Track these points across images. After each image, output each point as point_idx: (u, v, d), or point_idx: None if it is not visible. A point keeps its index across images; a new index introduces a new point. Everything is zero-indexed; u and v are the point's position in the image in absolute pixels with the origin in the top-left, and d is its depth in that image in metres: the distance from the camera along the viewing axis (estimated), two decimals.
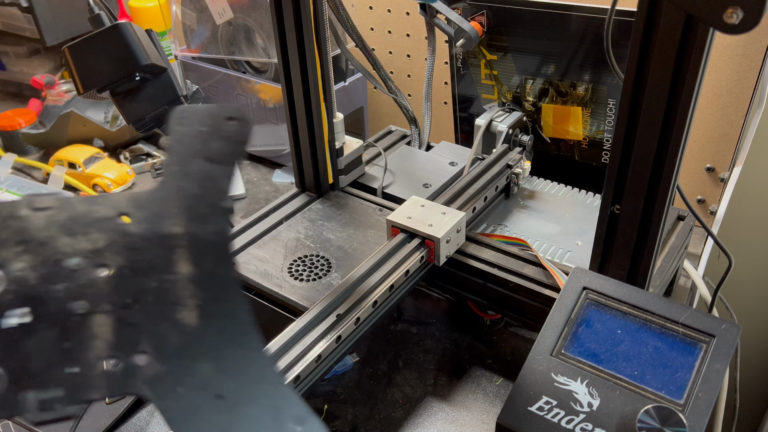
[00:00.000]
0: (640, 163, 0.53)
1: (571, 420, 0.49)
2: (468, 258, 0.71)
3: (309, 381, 0.58)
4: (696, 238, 0.88)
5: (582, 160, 0.91)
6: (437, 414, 0.67)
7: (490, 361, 0.73)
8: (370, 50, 0.88)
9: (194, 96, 0.64)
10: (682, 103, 0.49)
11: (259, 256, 0.74)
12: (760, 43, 0.83)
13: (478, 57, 0.91)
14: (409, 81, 1.21)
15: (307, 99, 0.77)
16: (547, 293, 0.66)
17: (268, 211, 0.81)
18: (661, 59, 0.48)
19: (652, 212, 0.56)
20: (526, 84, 0.89)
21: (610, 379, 0.50)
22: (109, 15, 0.60)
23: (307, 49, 0.73)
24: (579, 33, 0.81)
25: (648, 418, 0.45)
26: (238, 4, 1.05)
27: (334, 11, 0.81)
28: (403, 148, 0.95)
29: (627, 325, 0.53)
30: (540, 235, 0.77)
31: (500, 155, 0.83)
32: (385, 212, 0.80)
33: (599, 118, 0.86)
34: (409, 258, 0.67)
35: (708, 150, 0.94)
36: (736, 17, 0.38)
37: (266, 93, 1.07)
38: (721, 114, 0.91)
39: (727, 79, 0.88)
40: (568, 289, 0.56)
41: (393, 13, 1.15)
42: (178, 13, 1.12)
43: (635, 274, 0.60)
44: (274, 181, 1.12)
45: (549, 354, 0.53)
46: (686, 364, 0.50)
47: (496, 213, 0.82)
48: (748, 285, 1.13)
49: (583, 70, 0.83)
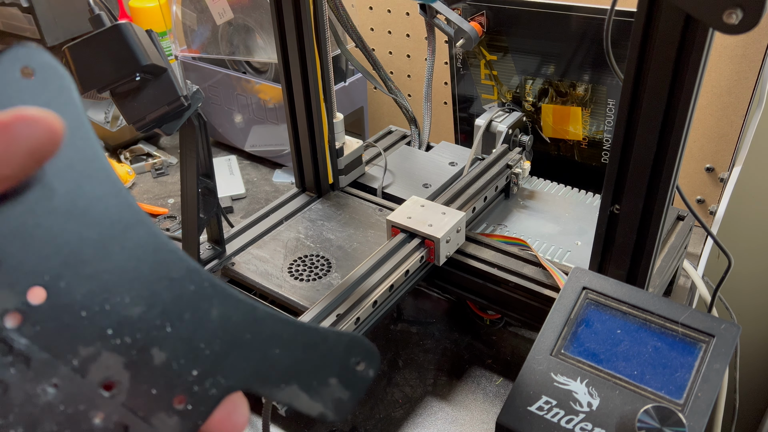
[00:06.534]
0: (640, 163, 0.54)
1: (570, 420, 0.49)
2: (468, 258, 0.71)
3: None
4: (695, 238, 0.88)
5: (582, 160, 0.91)
6: (437, 414, 0.67)
7: (489, 361, 0.73)
8: (370, 50, 0.88)
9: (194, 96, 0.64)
10: (681, 103, 0.49)
11: (260, 256, 0.74)
12: (760, 43, 0.83)
13: (477, 57, 0.91)
14: (409, 81, 1.21)
15: (307, 99, 0.77)
16: (547, 293, 0.66)
17: (268, 211, 0.81)
18: (661, 59, 0.48)
19: (651, 212, 0.56)
20: (525, 84, 0.89)
21: (610, 378, 0.51)
22: (109, 15, 0.60)
23: (307, 49, 0.73)
24: (579, 33, 0.81)
25: (647, 418, 0.45)
26: (238, 4, 1.05)
27: (334, 11, 0.81)
28: (403, 148, 0.95)
29: (627, 324, 0.53)
30: (540, 235, 0.77)
31: (500, 155, 0.84)
32: (385, 212, 0.80)
33: (599, 119, 0.86)
34: (409, 258, 0.67)
35: (707, 150, 0.94)
36: (735, 17, 0.38)
37: (266, 93, 1.07)
38: (720, 114, 0.91)
39: (727, 79, 0.88)
40: (567, 289, 0.56)
41: (393, 14, 1.15)
42: (178, 14, 1.12)
43: (635, 273, 0.60)
44: (274, 181, 1.12)
45: (549, 354, 0.53)
46: (686, 363, 0.50)
47: (495, 213, 0.82)
48: (748, 285, 1.13)
49: (582, 71, 0.83)
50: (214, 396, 0.24)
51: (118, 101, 0.61)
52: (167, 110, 0.61)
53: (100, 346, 0.22)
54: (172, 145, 1.23)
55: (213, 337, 0.24)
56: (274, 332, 0.25)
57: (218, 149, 1.21)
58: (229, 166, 1.15)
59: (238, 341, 0.24)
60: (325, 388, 0.26)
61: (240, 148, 1.18)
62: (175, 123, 0.64)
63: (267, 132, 1.12)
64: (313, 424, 0.67)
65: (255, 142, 1.15)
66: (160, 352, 0.23)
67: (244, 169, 1.15)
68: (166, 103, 0.61)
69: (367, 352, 0.26)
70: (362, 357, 0.26)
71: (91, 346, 0.22)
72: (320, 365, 0.26)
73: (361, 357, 0.26)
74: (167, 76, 0.61)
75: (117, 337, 0.23)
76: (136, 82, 0.60)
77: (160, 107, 0.61)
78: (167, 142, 1.24)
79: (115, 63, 0.58)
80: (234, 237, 0.76)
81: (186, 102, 0.62)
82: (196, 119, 0.66)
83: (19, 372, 0.21)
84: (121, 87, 0.60)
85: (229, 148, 1.21)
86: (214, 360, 0.24)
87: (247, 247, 0.76)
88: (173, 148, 1.22)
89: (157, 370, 0.23)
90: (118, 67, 0.58)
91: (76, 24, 1.11)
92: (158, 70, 0.60)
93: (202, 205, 0.70)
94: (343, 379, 0.26)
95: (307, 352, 0.26)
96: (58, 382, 0.22)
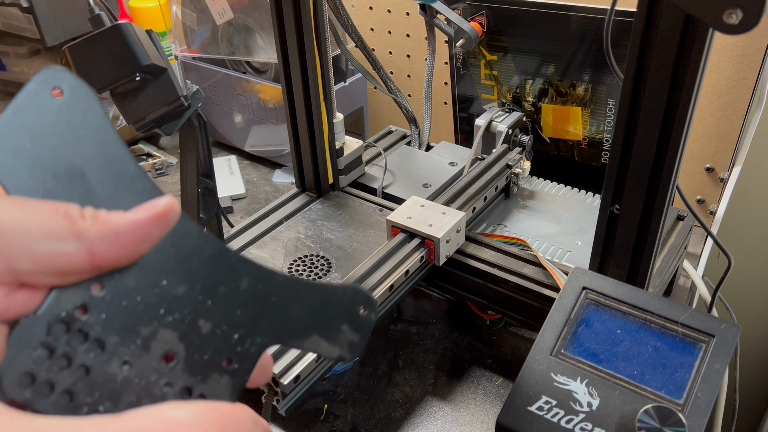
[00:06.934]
0: (640, 163, 0.54)
1: (570, 420, 0.49)
2: (468, 258, 0.71)
3: (309, 380, 0.58)
4: (695, 238, 0.88)
5: (582, 160, 0.91)
6: (437, 414, 0.67)
7: (489, 361, 0.73)
8: (370, 50, 0.88)
9: (194, 96, 0.64)
10: (681, 103, 0.49)
11: (260, 256, 0.74)
12: (760, 43, 0.83)
13: (477, 57, 0.91)
14: (409, 81, 1.21)
15: (307, 99, 0.77)
16: (547, 293, 0.66)
17: (268, 211, 0.81)
18: (661, 59, 0.48)
19: (651, 212, 0.56)
20: (525, 84, 0.89)
21: (610, 378, 0.51)
22: (109, 15, 0.60)
23: (307, 49, 0.73)
24: (579, 33, 0.81)
25: (647, 418, 0.45)
26: (238, 4, 1.05)
27: (334, 11, 0.81)
28: (403, 149, 0.95)
29: (627, 324, 0.53)
30: (540, 235, 0.77)
31: (500, 155, 0.84)
32: (385, 212, 0.80)
33: (599, 119, 0.86)
34: (409, 258, 0.67)
35: (707, 150, 0.94)
36: (735, 17, 0.38)
37: (266, 93, 1.07)
38: (720, 114, 0.91)
39: (727, 79, 0.88)
40: (567, 289, 0.56)
41: (393, 14, 1.15)
42: (178, 14, 1.12)
43: (635, 274, 0.60)
44: (274, 181, 1.12)
45: (549, 354, 0.53)
46: (686, 363, 0.50)
47: (495, 213, 0.82)
48: (748, 285, 1.13)
49: (582, 71, 0.83)
50: (254, 354, 0.28)
51: (118, 101, 0.61)
52: (167, 110, 0.61)
53: (157, 324, 0.26)
54: (172, 145, 1.23)
55: (246, 304, 0.28)
56: (294, 293, 0.29)
57: (218, 149, 1.21)
58: (229, 166, 1.15)
59: (267, 305, 0.28)
60: (340, 334, 0.31)
61: (240, 148, 1.18)
62: (175, 123, 0.64)
63: (267, 132, 1.12)
64: (314, 424, 0.67)
65: (255, 142, 1.15)
66: (206, 322, 0.27)
67: (244, 169, 1.15)
68: (166, 103, 0.61)
69: (368, 300, 0.32)
70: (364, 304, 0.32)
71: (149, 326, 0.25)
72: (334, 315, 0.31)
73: (364, 304, 0.31)
74: (167, 76, 0.61)
75: (168, 315, 0.26)
76: (136, 82, 0.60)
77: (160, 107, 0.61)
78: (167, 142, 1.24)
79: (115, 63, 0.58)
80: (234, 237, 0.76)
81: (186, 102, 0.62)
82: (196, 119, 0.66)
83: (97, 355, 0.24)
84: (121, 87, 0.60)
85: (229, 148, 1.21)
86: (250, 323, 0.28)
87: (247, 247, 0.76)
88: (173, 148, 1.22)
89: (206, 338, 0.27)
90: (118, 67, 0.58)
91: (76, 24, 1.11)
92: (158, 70, 0.60)
93: (202, 205, 0.70)
94: (352, 325, 0.31)
95: (322, 306, 0.30)
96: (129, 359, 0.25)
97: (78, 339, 0.24)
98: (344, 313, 0.31)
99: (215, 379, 0.27)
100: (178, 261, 0.26)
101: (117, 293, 0.25)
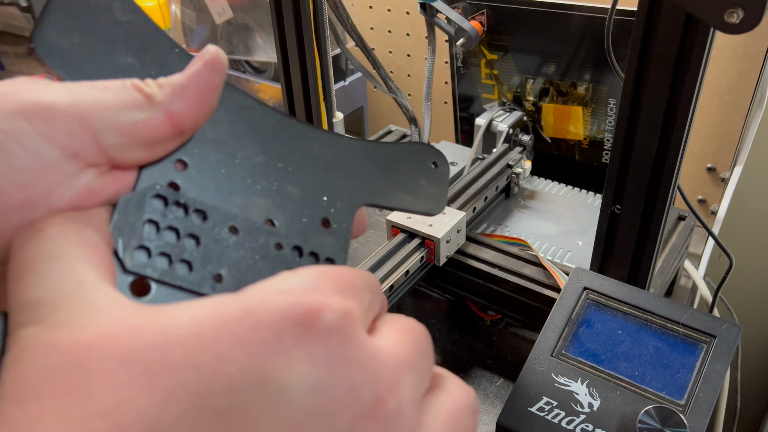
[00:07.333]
0: (641, 163, 0.53)
1: (571, 420, 0.48)
2: (468, 258, 0.71)
3: None
4: (697, 238, 0.88)
5: (582, 160, 0.91)
6: None
7: (490, 362, 0.73)
8: (370, 50, 0.88)
9: None
10: (682, 102, 0.49)
11: None
12: (761, 42, 0.83)
13: (478, 56, 0.91)
14: (409, 80, 1.20)
15: (307, 99, 0.77)
16: (548, 293, 0.66)
17: None
18: (662, 59, 0.48)
19: (652, 212, 0.55)
20: (526, 83, 0.89)
21: (611, 379, 0.50)
22: None
23: (307, 49, 0.73)
24: (579, 32, 0.81)
25: (648, 419, 0.45)
26: (237, 4, 1.05)
27: (334, 11, 0.81)
28: None
29: (627, 325, 0.53)
30: (540, 235, 0.77)
31: (500, 155, 0.83)
32: (385, 212, 0.80)
33: (600, 118, 0.86)
34: (409, 258, 0.67)
35: (709, 150, 0.94)
36: (736, 17, 0.38)
37: (266, 92, 1.07)
38: (721, 114, 0.91)
39: (728, 79, 0.88)
40: (568, 289, 0.56)
41: (393, 13, 1.14)
42: (177, 13, 1.12)
43: (636, 274, 0.60)
44: None
45: (549, 354, 0.52)
46: (687, 364, 0.50)
47: (496, 213, 0.81)
48: (749, 285, 1.13)
49: (583, 70, 0.83)
50: (347, 214, 0.29)
51: None
52: None
53: (249, 192, 0.26)
54: None
55: (325, 167, 0.29)
56: (365, 153, 0.30)
57: None
58: None
59: (343, 166, 0.29)
60: (421, 189, 0.32)
61: None
62: None
63: None
64: None
65: None
66: (294, 187, 0.28)
67: None
68: None
69: (437, 153, 0.33)
70: (435, 158, 0.32)
71: (241, 195, 0.26)
72: (410, 171, 0.32)
73: (434, 158, 0.32)
74: None
75: (256, 184, 0.27)
76: None
77: None
78: None
79: None
80: None
81: None
82: None
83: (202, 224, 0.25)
84: None
85: None
86: (333, 185, 0.29)
87: None
88: None
89: (298, 202, 0.27)
90: None
91: None
92: None
93: None
94: (430, 179, 0.32)
95: (396, 164, 0.31)
96: (235, 225, 0.25)
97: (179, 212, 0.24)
98: (419, 168, 0.32)
99: (319, 240, 0.28)
100: (249, 133, 0.27)
101: (202, 168, 0.26)
